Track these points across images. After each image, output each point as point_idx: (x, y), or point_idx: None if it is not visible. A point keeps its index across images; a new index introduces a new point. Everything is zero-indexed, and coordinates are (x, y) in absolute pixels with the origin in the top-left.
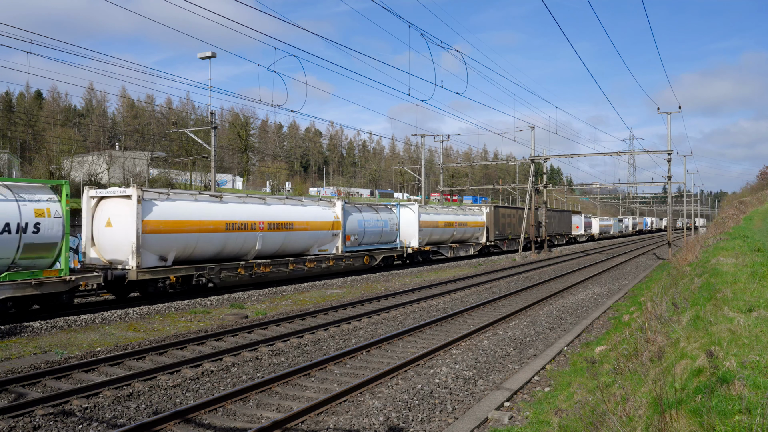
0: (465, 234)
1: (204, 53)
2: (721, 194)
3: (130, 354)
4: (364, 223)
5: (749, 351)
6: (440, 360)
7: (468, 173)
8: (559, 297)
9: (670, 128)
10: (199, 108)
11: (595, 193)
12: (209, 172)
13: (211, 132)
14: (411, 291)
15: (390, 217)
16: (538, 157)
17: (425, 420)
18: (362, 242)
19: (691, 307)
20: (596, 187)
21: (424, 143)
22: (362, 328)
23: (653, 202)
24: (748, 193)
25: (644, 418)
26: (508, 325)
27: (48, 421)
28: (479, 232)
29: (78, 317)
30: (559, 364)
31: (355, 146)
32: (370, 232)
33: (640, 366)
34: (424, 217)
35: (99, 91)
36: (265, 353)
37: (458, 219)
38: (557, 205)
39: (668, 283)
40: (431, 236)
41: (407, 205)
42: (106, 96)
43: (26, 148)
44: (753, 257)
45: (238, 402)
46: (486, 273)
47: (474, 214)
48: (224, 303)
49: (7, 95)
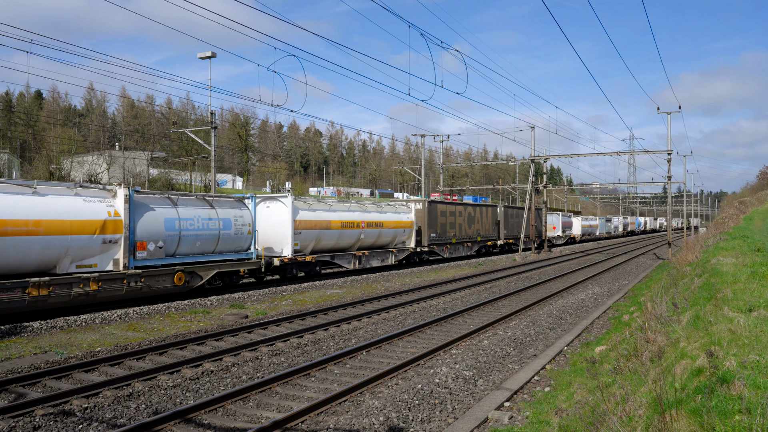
0: (381, 237)
1: (204, 53)
2: (721, 194)
3: (130, 354)
4: (178, 222)
5: (749, 351)
6: (440, 360)
7: (468, 173)
8: (559, 297)
9: (670, 128)
10: (199, 108)
11: (595, 193)
12: (209, 172)
13: (211, 132)
14: (411, 291)
15: (236, 215)
16: (538, 157)
17: (425, 420)
18: (176, 252)
19: (691, 307)
20: (596, 187)
21: (424, 143)
22: (362, 328)
23: (653, 202)
24: (748, 193)
25: (644, 418)
26: (508, 325)
27: (48, 421)
28: (405, 235)
29: (78, 317)
30: (559, 364)
31: (355, 146)
32: (191, 237)
33: (640, 366)
34: (304, 214)
35: (99, 91)
36: (265, 353)
37: (367, 218)
38: (557, 205)
39: (668, 283)
40: (319, 241)
41: (276, 198)
42: (106, 96)
43: (26, 148)
44: (753, 257)
45: (238, 402)
46: (486, 273)
47: (396, 212)
48: (224, 303)
49: (7, 95)
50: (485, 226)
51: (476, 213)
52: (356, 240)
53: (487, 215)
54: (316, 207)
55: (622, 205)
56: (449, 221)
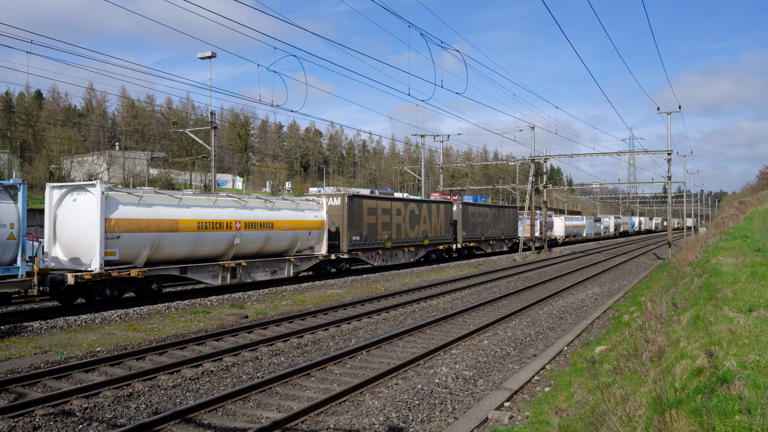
0: (271, 242)
1: (204, 53)
2: (721, 194)
3: (130, 354)
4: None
5: (749, 351)
6: (440, 360)
7: (468, 173)
8: (559, 297)
9: (670, 128)
10: (199, 108)
11: (595, 193)
12: (209, 172)
13: (211, 132)
14: (411, 291)
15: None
16: (538, 157)
17: (425, 420)
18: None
19: (691, 307)
20: (596, 187)
21: (424, 143)
22: (362, 328)
23: (653, 202)
24: (748, 193)
25: (644, 418)
26: (508, 325)
27: (48, 421)
28: (312, 239)
29: (78, 317)
30: (559, 364)
31: (355, 146)
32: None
33: (640, 366)
34: (128, 211)
35: (99, 91)
36: (265, 353)
37: (246, 216)
38: (557, 205)
39: (668, 283)
40: (158, 249)
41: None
42: (106, 96)
43: (26, 148)
44: (753, 257)
45: (238, 402)
46: (486, 273)
47: (297, 208)
48: (224, 303)
49: (7, 95)
50: (436, 227)
51: (422, 211)
52: (228, 246)
53: (439, 214)
54: (153, 201)
55: (622, 205)
56: (382, 221)
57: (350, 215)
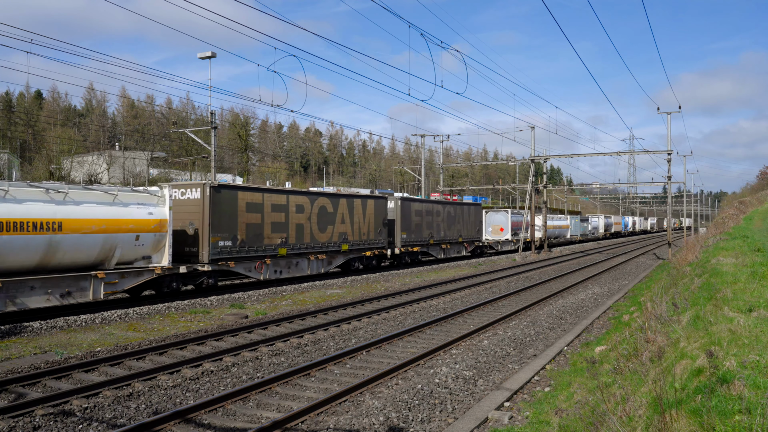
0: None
1: (204, 53)
2: (721, 194)
3: (130, 354)
4: None
5: (749, 351)
6: (440, 360)
7: (468, 173)
8: (559, 297)
9: (670, 128)
10: (199, 108)
11: (595, 193)
12: (209, 172)
13: (211, 132)
14: (411, 291)
15: None
16: (538, 157)
17: (425, 420)
18: None
19: (691, 307)
20: (596, 187)
21: (424, 143)
22: (362, 328)
23: (653, 202)
24: (748, 193)
25: (644, 418)
26: (508, 325)
27: (48, 421)
28: (145, 246)
29: (78, 317)
30: (559, 364)
31: (355, 146)
32: None
33: (640, 366)
34: None
35: (99, 91)
36: (265, 353)
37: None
38: (557, 205)
39: (668, 283)
40: None
41: None
42: (106, 96)
43: (26, 148)
44: (753, 257)
45: (238, 402)
46: (486, 273)
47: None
48: (224, 303)
49: (7, 95)
50: (361, 229)
51: (338, 208)
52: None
53: (366, 212)
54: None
55: (621, 205)
56: (272, 220)
57: (215, 212)
